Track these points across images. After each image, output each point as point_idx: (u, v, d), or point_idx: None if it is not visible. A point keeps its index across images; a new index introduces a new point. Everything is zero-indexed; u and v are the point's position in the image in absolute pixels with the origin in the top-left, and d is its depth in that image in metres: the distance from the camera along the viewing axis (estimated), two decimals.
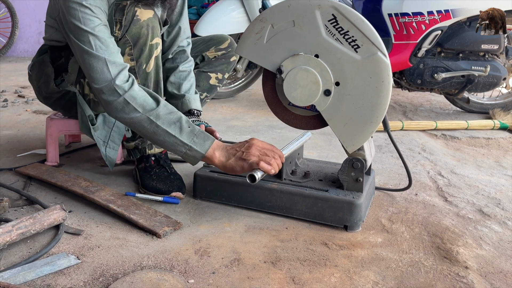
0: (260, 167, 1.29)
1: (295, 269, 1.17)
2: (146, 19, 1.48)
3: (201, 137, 1.34)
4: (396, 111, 3.12)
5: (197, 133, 1.34)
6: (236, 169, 1.33)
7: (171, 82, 1.76)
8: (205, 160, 1.36)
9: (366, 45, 1.25)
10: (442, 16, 2.68)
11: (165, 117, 1.33)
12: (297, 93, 1.34)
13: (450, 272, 1.17)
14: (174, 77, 1.76)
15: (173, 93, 1.76)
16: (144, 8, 1.48)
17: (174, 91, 1.75)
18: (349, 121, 1.31)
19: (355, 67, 1.27)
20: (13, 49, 6.13)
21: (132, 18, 1.46)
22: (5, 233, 1.18)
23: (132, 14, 1.46)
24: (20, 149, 2.10)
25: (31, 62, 1.73)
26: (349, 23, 1.24)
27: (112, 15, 1.45)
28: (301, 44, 1.31)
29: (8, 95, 3.42)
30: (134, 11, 1.46)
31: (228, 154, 1.34)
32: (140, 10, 1.47)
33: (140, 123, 1.34)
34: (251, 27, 1.35)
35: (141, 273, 1.11)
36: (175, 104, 1.72)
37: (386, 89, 1.27)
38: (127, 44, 1.48)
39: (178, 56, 1.80)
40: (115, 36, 1.46)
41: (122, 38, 1.47)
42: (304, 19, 1.28)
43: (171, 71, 1.78)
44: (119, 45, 1.47)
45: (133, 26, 1.46)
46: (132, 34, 1.47)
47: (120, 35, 1.47)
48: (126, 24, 1.46)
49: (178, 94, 1.75)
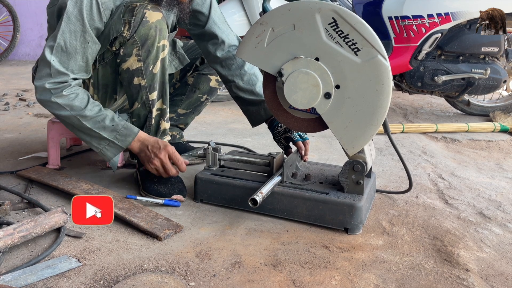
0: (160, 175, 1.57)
1: (296, 271, 1.17)
2: (155, 21, 1.49)
3: (123, 134, 1.54)
4: (396, 113, 3.12)
5: (120, 131, 1.53)
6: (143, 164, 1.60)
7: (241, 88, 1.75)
8: None
9: (366, 48, 1.25)
10: (442, 19, 2.68)
11: (91, 117, 1.50)
12: (297, 96, 1.34)
13: (451, 275, 1.17)
14: (243, 82, 1.75)
15: (250, 100, 1.75)
16: (153, 10, 1.49)
17: (250, 97, 1.75)
18: (349, 123, 1.32)
19: (355, 70, 1.27)
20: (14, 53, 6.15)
21: (141, 20, 1.47)
22: (7, 236, 1.18)
23: (141, 15, 1.47)
24: (22, 152, 2.10)
25: (35, 64, 1.74)
26: (349, 26, 1.25)
27: (121, 16, 1.47)
28: (301, 47, 1.31)
29: (9, 98, 3.43)
30: (143, 12, 1.47)
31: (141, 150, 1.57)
32: (149, 12, 1.48)
33: (69, 119, 1.50)
34: (252, 30, 1.36)
35: (142, 276, 1.11)
36: (257, 110, 1.74)
37: (387, 91, 1.27)
38: (135, 44, 1.50)
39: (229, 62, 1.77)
40: (124, 36, 1.48)
41: (130, 39, 1.49)
42: (304, 23, 1.28)
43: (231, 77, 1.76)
44: (127, 45, 1.49)
45: (142, 27, 1.48)
46: (141, 35, 1.48)
47: (128, 35, 1.48)
48: (135, 25, 1.47)
49: (256, 99, 1.74)
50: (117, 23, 1.48)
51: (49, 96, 1.46)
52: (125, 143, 1.55)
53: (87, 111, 1.49)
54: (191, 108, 1.99)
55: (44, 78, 1.45)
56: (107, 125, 1.51)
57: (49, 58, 1.44)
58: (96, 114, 1.51)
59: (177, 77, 1.96)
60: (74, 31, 1.44)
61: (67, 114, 1.48)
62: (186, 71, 1.95)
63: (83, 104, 1.49)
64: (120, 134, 1.54)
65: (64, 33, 1.44)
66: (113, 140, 1.53)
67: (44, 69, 1.46)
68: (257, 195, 1.31)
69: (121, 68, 1.56)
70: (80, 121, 1.49)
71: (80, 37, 1.45)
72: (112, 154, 1.56)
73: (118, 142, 1.54)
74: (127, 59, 1.52)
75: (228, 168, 1.64)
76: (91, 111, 1.50)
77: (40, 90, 1.47)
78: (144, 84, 1.55)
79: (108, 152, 1.56)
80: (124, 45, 1.51)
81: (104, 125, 1.51)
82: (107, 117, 1.52)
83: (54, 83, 1.45)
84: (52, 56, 1.44)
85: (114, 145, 1.55)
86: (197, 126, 2.58)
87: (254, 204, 1.31)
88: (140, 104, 1.59)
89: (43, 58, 1.46)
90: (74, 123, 1.51)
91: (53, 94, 1.46)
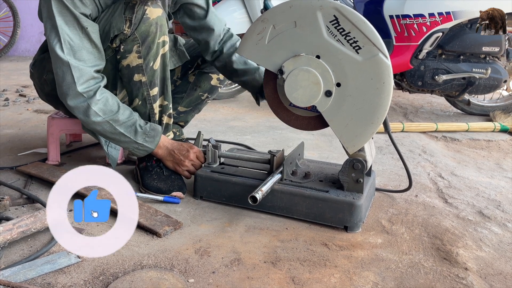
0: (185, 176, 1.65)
1: (295, 269, 1.17)
2: (155, 18, 1.49)
3: (151, 135, 1.57)
4: (396, 112, 3.12)
5: (148, 133, 1.56)
6: (169, 167, 1.64)
7: (234, 61, 1.76)
8: None
9: (368, 46, 1.25)
10: (443, 18, 2.68)
11: (123, 122, 1.51)
12: (298, 93, 1.34)
13: (450, 274, 1.17)
14: (235, 56, 1.76)
15: (244, 70, 1.76)
16: (153, 7, 1.49)
17: (243, 67, 1.76)
18: (350, 122, 1.31)
19: (356, 68, 1.27)
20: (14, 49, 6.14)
21: (142, 16, 1.47)
22: (6, 231, 1.18)
23: (142, 12, 1.47)
24: (21, 148, 2.10)
25: (33, 60, 1.74)
26: (351, 24, 1.24)
27: (123, 13, 1.47)
28: (302, 45, 1.31)
29: (9, 94, 3.42)
30: (144, 9, 1.47)
31: (168, 155, 1.63)
32: (150, 9, 1.48)
33: (101, 125, 1.50)
34: (253, 27, 1.35)
35: (141, 272, 1.11)
36: (251, 79, 1.74)
37: (387, 90, 1.27)
38: (135, 41, 1.49)
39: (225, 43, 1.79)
40: (125, 33, 1.48)
41: (131, 36, 1.48)
42: (305, 20, 1.28)
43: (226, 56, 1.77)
44: (127, 42, 1.49)
45: (142, 24, 1.48)
46: (141, 32, 1.48)
47: (129, 32, 1.48)
48: (136, 22, 1.47)
49: (249, 68, 1.75)
50: (118, 21, 1.47)
51: (83, 101, 1.45)
52: (153, 144, 1.58)
53: (120, 115, 1.50)
54: (191, 106, 1.99)
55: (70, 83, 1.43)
56: (138, 130, 1.54)
57: (64, 57, 1.43)
58: (128, 118, 1.52)
59: (178, 74, 1.96)
60: (70, 22, 1.43)
61: (99, 120, 1.48)
62: (187, 68, 1.95)
63: (115, 107, 1.50)
64: (149, 136, 1.57)
65: (63, 27, 1.43)
66: (143, 143, 1.56)
67: (64, 72, 1.44)
68: (256, 192, 1.31)
69: (121, 65, 1.55)
70: (113, 127, 1.50)
71: (77, 25, 1.44)
72: (140, 153, 1.60)
73: (148, 144, 1.57)
74: (127, 56, 1.52)
75: (228, 165, 1.64)
76: (123, 114, 1.51)
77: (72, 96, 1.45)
78: (145, 80, 1.55)
79: (137, 152, 1.60)
80: (124, 42, 1.51)
81: (136, 129, 1.54)
82: (137, 121, 1.54)
83: (83, 84, 1.44)
84: (66, 55, 1.43)
85: (144, 147, 1.58)
86: (197, 124, 2.58)
87: (254, 202, 1.31)
88: (141, 100, 1.59)
89: (57, 58, 1.44)
90: (106, 129, 1.51)
91: (87, 99, 1.45)
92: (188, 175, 1.64)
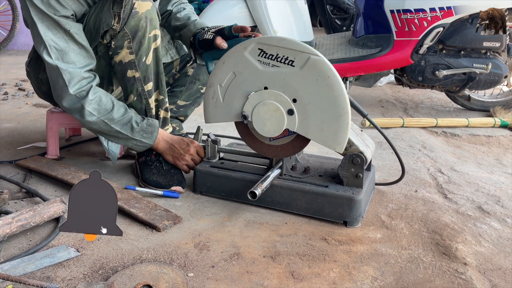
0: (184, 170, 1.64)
1: (294, 263, 1.17)
2: (145, 11, 1.47)
3: (149, 131, 1.57)
4: (397, 108, 3.11)
5: (145, 129, 1.56)
6: (169, 161, 1.64)
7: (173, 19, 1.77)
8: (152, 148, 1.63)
9: (298, 56, 1.30)
10: (444, 13, 2.67)
11: (118, 120, 1.52)
12: (267, 127, 1.38)
13: (449, 268, 1.17)
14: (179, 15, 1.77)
15: (181, 24, 1.74)
16: (142, 0, 1.47)
17: (179, 23, 1.75)
18: (323, 125, 1.33)
19: (299, 78, 1.31)
20: (13, 42, 6.12)
21: (130, 11, 1.46)
22: (5, 225, 1.18)
23: (130, 6, 1.45)
24: (21, 142, 2.10)
25: (28, 58, 1.73)
26: (275, 47, 1.32)
27: (111, 8, 1.45)
28: (248, 86, 1.38)
29: (8, 88, 3.41)
30: (132, 3, 1.45)
31: (168, 149, 1.63)
32: (138, 3, 1.46)
33: (97, 124, 1.51)
34: (206, 96, 1.45)
35: (141, 266, 1.12)
36: (188, 30, 1.70)
37: (336, 80, 1.29)
38: (125, 37, 1.48)
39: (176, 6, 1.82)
40: (114, 29, 1.46)
41: (120, 31, 1.47)
42: (240, 66, 1.37)
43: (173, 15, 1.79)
44: (118, 38, 1.47)
45: (132, 19, 1.46)
46: (131, 27, 1.47)
47: (119, 28, 1.46)
48: (124, 17, 1.45)
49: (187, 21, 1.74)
50: (107, 16, 1.46)
51: (77, 102, 1.47)
52: (151, 140, 1.59)
53: (114, 114, 1.51)
54: (191, 99, 1.98)
55: (62, 86, 1.45)
56: (134, 127, 1.55)
57: (52, 62, 1.44)
58: (123, 116, 1.53)
59: (177, 67, 1.95)
60: (51, 26, 1.43)
61: (95, 120, 1.49)
62: (186, 62, 1.94)
63: (109, 106, 1.51)
64: (146, 132, 1.57)
65: (46, 32, 1.43)
66: (141, 139, 1.57)
67: (56, 76, 1.45)
68: (256, 188, 1.31)
69: (113, 61, 1.54)
70: (109, 125, 1.51)
71: (60, 29, 1.44)
72: (140, 149, 1.62)
73: (146, 140, 1.58)
74: (119, 52, 1.51)
75: (228, 160, 1.64)
76: (118, 112, 1.52)
77: (66, 98, 1.47)
78: (139, 76, 1.54)
79: (136, 148, 1.61)
80: (115, 38, 1.49)
81: (132, 126, 1.54)
82: (133, 118, 1.55)
83: (74, 86, 1.45)
84: (54, 60, 1.44)
85: (142, 143, 1.58)
86: (196, 118, 2.58)
87: (253, 197, 1.31)
88: (136, 96, 1.58)
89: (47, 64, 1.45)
90: (102, 128, 1.52)
91: (80, 99, 1.46)
92: (187, 169, 1.64)
